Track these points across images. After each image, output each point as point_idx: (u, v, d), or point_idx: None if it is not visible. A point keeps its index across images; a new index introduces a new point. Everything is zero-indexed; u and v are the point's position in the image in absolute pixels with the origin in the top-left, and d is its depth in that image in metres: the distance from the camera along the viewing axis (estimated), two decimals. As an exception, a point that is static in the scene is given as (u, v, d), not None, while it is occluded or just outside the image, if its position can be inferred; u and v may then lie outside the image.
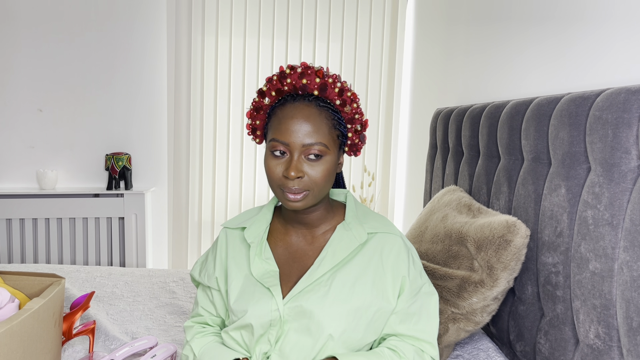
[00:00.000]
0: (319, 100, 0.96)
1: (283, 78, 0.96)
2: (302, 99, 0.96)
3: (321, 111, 0.95)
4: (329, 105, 0.97)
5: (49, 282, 1.19)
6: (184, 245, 3.05)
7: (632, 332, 0.92)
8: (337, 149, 0.99)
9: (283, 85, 0.96)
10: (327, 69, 0.99)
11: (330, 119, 0.96)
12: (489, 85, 1.86)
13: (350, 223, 1.04)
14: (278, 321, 0.97)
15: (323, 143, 0.94)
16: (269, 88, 0.98)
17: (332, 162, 0.97)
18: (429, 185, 2.22)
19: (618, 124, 0.97)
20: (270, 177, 0.97)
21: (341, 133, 0.99)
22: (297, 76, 0.95)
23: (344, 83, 0.99)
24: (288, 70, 0.96)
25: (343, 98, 0.97)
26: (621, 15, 1.13)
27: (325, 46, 3.02)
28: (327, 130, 0.95)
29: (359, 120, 1.01)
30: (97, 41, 2.88)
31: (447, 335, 1.28)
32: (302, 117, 0.93)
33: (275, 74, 0.98)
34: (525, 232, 1.21)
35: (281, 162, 0.95)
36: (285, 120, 0.94)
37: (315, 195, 0.96)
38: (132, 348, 1.29)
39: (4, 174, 2.90)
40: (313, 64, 1.00)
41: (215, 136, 3.00)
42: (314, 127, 0.93)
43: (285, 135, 0.93)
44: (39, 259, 2.86)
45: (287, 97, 0.97)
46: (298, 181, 0.94)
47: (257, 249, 1.04)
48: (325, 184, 0.96)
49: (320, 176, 0.94)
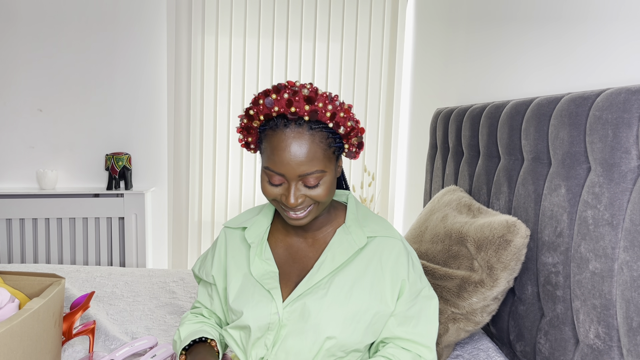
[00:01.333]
0: (311, 122, 0.91)
1: (270, 104, 0.90)
2: (293, 123, 0.90)
3: (314, 134, 0.91)
4: (322, 125, 0.92)
5: (49, 282, 1.19)
6: (184, 245, 3.05)
7: (632, 332, 0.92)
8: (334, 163, 0.97)
9: (271, 111, 0.91)
10: (314, 88, 0.92)
11: (324, 139, 0.92)
12: (489, 86, 1.86)
13: (350, 226, 1.03)
14: (276, 325, 0.97)
15: (319, 169, 0.91)
16: (256, 112, 0.93)
17: (331, 179, 0.95)
18: (429, 185, 2.22)
19: (618, 124, 0.97)
20: (269, 197, 0.96)
21: (337, 147, 0.97)
22: (284, 103, 0.89)
23: (335, 102, 0.93)
24: (274, 96, 0.91)
25: (336, 121, 0.92)
26: (622, 16, 1.13)
27: (325, 46, 3.02)
28: (322, 154, 0.92)
29: (354, 134, 0.97)
30: (97, 41, 2.88)
31: (447, 335, 1.28)
32: (295, 145, 0.89)
33: (261, 95, 0.92)
34: (525, 232, 1.21)
35: (279, 188, 0.94)
36: (278, 151, 0.90)
37: (319, 209, 0.96)
38: (132, 348, 1.29)
39: (4, 174, 2.90)
40: (298, 82, 0.94)
41: (215, 136, 3.00)
42: (309, 155, 0.90)
43: (280, 167, 0.90)
44: (39, 259, 2.86)
45: (277, 120, 0.91)
46: (301, 203, 0.93)
47: (258, 249, 1.04)
48: (328, 199, 0.96)
49: (322, 195, 0.93)
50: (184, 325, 1.11)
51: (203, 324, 1.11)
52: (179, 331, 1.10)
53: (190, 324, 1.11)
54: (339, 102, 0.95)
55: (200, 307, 1.16)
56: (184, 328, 1.10)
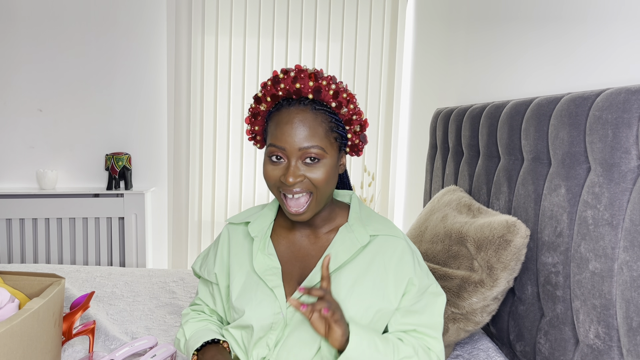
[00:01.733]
0: (315, 103, 0.95)
1: (277, 83, 0.95)
2: (297, 103, 0.95)
3: (317, 114, 0.94)
4: (325, 108, 0.96)
5: (49, 282, 1.19)
6: (184, 245, 3.05)
7: (632, 332, 0.92)
8: (336, 152, 0.98)
9: (277, 90, 0.95)
10: (321, 70, 0.98)
11: (327, 122, 0.95)
12: (489, 86, 1.86)
13: (353, 225, 1.03)
14: (280, 324, 0.97)
15: (319, 146, 0.93)
16: (264, 94, 0.98)
17: (331, 164, 0.96)
18: (429, 185, 2.22)
19: (618, 124, 0.97)
20: (269, 181, 0.97)
21: (339, 135, 0.99)
22: (290, 80, 0.94)
23: (339, 84, 0.97)
24: (282, 75, 0.96)
25: (338, 100, 0.96)
26: (622, 16, 1.13)
27: (325, 46, 3.02)
28: (323, 134, 0.94)
29: (357, 120, 1.00)
30: (98, 41, 2.88)
31: (447, 335, 1.28)
32: (297, 121, 0.93)
33: (269, 78, 0.98)
34: (525, 232, 1.21)
35: (279, 167, 0.95)
36: (280, 125, 0.94)
37: (318, 200, 0.96)
38: (132, 348, 1.29)
39: (4, 174, 2.90)
40: (306, 67, 0.99)
41: (215, 136, 3.00)
42: (310, 131, 0.93)
43: (281, 140, 0.93)
44: (39, 259, 2.86)
45: (282, 102, 0.96)
46: (299, 183, 0.93)
47: (261, 244, 1.04)
48: (326, 186, 0.96)
49: (320, 178, 0.94)
50: (188, 324, 1.10)
51: (208, 322, 1.10)
52: (183, 329, 1.10)
53: (194, 322, 1.10)
54: (344, 86, 0.99)
55: (202, 304, 1.16)
56: (189, 327, 1.10)
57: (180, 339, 1.10)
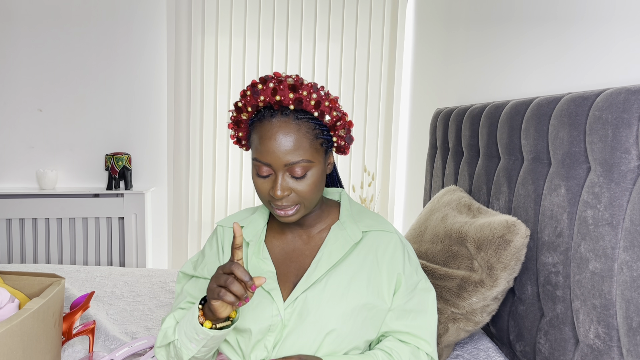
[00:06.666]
0: (297, 112, 0.92)
1: (256, 94, 0.92)
2: (279, 113, 0.91)
3: (300, 125, 0.92)
4: (308, 116, 0.93)
5: (49, 282, 1.19)
6: (184, 245, 3.05)
7: (632, 332, 0.92)
8: (322, 156, 0.97)
9: (257, 101, 0.92)
10: (298, 77, 0.94)
11: (311, 131, 0.93)
12: (488, 86, 1.86)
13: (344, 222, 1.04)
14: (278, 326, 0.97)
15: (305, 159, 0.91)
16: (244, 104, 0.95)
17: (319, 172, 0.95)
18: (428, 185, 2.22)
19: (618, 124, 0.97)
20: (259, 194, 0.96)
21: (325, 140, 0.97)
22: (270, 92, 0.91)
23: (319, 92, 0.93)
24: (260, 86, 0.92)
25: (321, 109, 0.93)
26: (621, 15, 1.13)
27: (325, 46, 3.02)
28: (308, 144, 0.92)
29: (341, 125, 0.97)
30: (97, 41, 2.88)
31: (447, 335, 1.28)
32: (281, 135, 0.90)
33: (248, 87, 0.94)
34: (525, 232, 1.21)
35: (267, 180, 0.94)
36: (264, 140, 0.91)
37: (306, 207, 0.96)
38: (132, 348, 1.29)
39: (4, 174, 2.90)
40: (285, 74, 0.95)
41: (215, 136, 3.00)
42: (295, 144, 0.90)
43: (266, 156, 0.91)
44: (39, 259, 2.86)
45: (264, 111, 0.93)
46: (286, 198, 0.93)
47: (255, 249, 1.04)
48: (314, 195, 0.95)
49: (308, 190, 0.93)
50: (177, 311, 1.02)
51: None
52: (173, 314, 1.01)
53: (180, 310, 1.03)
54: (324, 92, 0.96)
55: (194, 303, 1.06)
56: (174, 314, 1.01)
57: (169, 326, 0.99)
